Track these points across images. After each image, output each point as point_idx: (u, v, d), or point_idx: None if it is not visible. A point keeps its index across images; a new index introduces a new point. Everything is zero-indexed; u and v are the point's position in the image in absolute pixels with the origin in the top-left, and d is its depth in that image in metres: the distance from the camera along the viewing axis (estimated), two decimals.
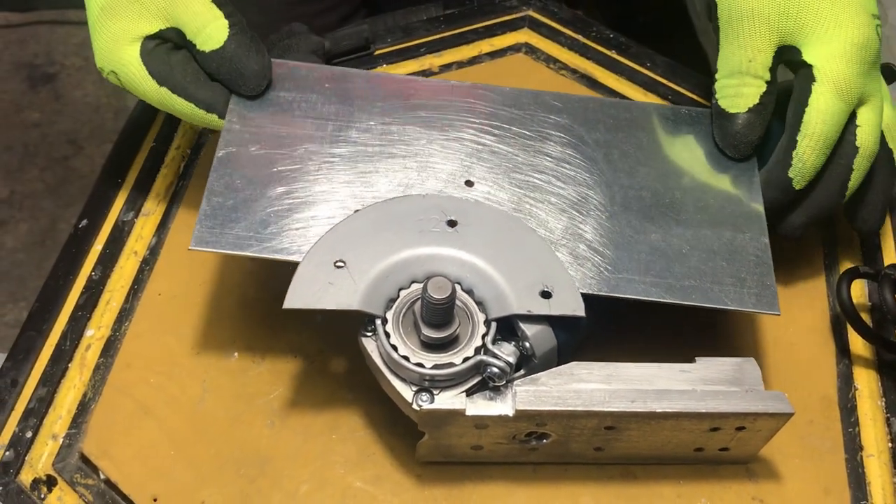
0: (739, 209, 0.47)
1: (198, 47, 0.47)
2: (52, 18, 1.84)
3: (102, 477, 0.45)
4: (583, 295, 0.42)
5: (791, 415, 0.42)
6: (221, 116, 0.48)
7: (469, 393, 0.40)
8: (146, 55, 0.47)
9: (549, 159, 0.47)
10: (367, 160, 0.45)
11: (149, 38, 0.47)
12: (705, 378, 0.42)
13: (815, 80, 0.46)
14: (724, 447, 0.44)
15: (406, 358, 0.40)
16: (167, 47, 0.48)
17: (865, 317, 0.52)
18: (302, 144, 0.46)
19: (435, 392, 0.40)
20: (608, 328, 0.45)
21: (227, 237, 0.42)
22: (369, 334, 0.42)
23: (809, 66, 0.47)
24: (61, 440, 0.46)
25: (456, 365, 0.40)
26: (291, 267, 0.41)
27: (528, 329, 0.41)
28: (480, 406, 0.40)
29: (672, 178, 0.47)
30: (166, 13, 0.47)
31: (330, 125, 0.47)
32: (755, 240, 0.46)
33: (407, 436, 0.44)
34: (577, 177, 0.47)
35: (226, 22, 0.47)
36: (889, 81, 0.57)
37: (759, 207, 0.47)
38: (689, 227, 0.46)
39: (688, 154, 0.49)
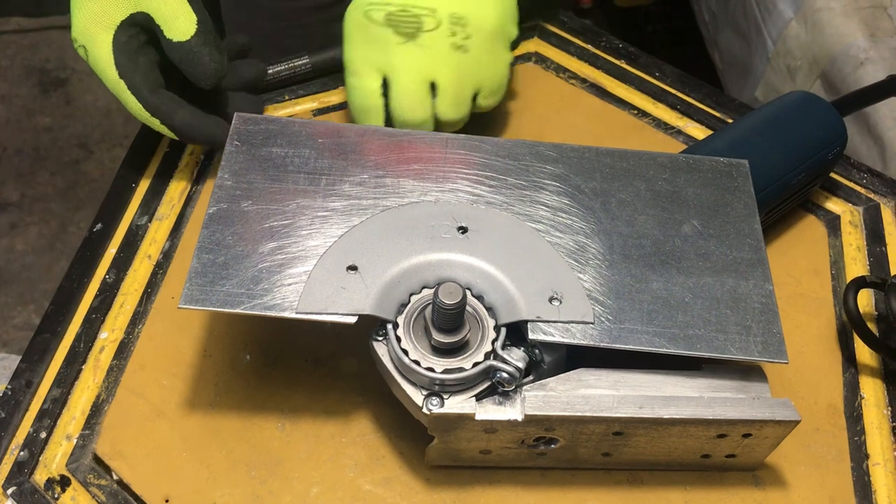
0: (741, 256, 0.46)
1: (165, 34, 0.51)
2: (64, 24, 1.86)
3: (115, 477, 0.45)
4: (584, 347, 0.41)
5: (797, 422, 0.42)
6: (164, 122, 0.53)
7: (479, 397, 0.41)
8: (117, 45, 0.51)
9: (546, 209, 0.46)
10: (361, 213, 0.45)
11: (122, 27, 0.51)
12: (712, 385, 0.43)
13: None
14: (730, 454, 0.44)
15: (417, 362, 0.40)
16: (138, 42, 0.52)
17: (872, 326, 0.53)
18: (294, 199, 0.45)
19: (445, 396, 0.41)
20: None
21: (217, 294, 0.41)
22: (380, 338, 0.42)
23: None
24: (75, 441, 0.47)
25: (466, 370, 0.40)
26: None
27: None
28: (490, 411, 0.41)
29: (671, 225, 0.47)
30: (142, 1, 0.51)
31: (323, 179, 0.46)
32: (759, 287, 0.45)
33: (416, 439, 0.45)
34: (575, 226, 0.46)
35: (195, 17, 0.51)
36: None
37: (762, 254, 0.46)
38: (691, 275, 0.45)
39: (686, 201, 0.48)
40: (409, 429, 0.45)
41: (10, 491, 0.45)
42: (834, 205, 0.60)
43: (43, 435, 0.47)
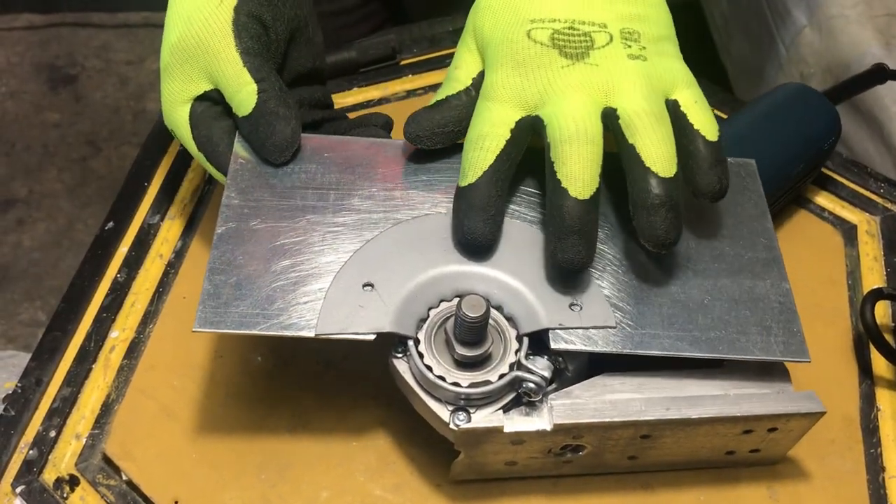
0: (756, 255, 0.46)
1: (234, 110, 0.47)
2: (73, 20, 1.85)
3: (124, 478, 0.45)
4: (608, 354, 0.41)
5: (823, 413, 0.42)
6: None
7: (505, 410, 0.40)
8: (194, 118, 0.48)
9: None
10: (372, 227, 0.44)
11: (198, 99, 0.48)
12: (735, 382, 0.43)
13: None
14: (754, 449, 0.44)
15: (442, 378, 0.40)
16: (215, 111, 0.48)
17: (889, 337, 0.52)
18: (304, 216, 0.44)
19: (471, 411, 0.40)
20: None
21: (231, 316, 0.40)
22: (400, 355, 0.42)
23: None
24: (84, 440, 0.46)
25: (492, 382, 0.40)
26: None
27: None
28: (517, 422, 0.40)
29: (684, 227, 0.47)
30: (210, 74, 0.47)
31: (332, 194, 0.46)
32: (776, 286, 0.45)
33: (427, 445, 0.45)
34: None
35: (254, 87, 0.46)
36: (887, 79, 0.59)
37: (776, 252, 0.46)
38: (707, 277, 0.44)
39: (698, 202, 0.46)
40: (420, 434, 0.44)
41: (18, 490, 0.44)
42: (850, 214, 0.59)
43: (52, 434, 0.47)
